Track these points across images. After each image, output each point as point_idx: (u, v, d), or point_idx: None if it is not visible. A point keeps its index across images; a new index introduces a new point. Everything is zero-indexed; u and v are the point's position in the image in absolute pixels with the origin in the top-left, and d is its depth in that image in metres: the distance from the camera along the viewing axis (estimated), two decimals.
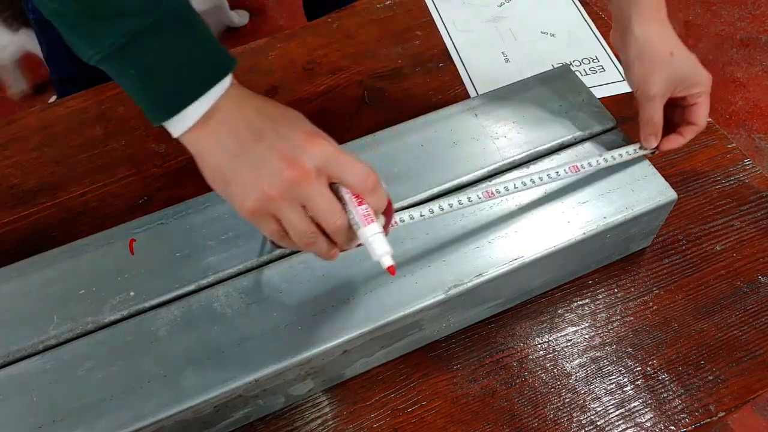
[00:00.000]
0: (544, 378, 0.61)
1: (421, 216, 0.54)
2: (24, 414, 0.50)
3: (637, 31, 0.59)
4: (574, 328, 0.64)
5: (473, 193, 0.56)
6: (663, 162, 0.74)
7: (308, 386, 0.58)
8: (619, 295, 0.66)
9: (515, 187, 0.58)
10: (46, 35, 0.98)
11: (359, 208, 0.44)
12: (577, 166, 0.60)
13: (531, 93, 0.69)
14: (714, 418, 0.59)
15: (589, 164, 0.61)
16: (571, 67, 0.72)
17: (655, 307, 0.65)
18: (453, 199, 0.56)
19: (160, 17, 0.40)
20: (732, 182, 0.73)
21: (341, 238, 0.45)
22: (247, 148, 0.43)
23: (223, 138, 0.43)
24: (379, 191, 0.45)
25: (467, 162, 0.64)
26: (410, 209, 0.53)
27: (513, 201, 0.61)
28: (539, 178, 0.59)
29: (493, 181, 0.59)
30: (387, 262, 0.44)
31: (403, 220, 0.52)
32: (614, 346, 0.63)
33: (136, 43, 0.40)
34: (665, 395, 0.60)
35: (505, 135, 0.66)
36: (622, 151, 0.62)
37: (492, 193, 0.57)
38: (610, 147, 0.64)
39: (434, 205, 0.55)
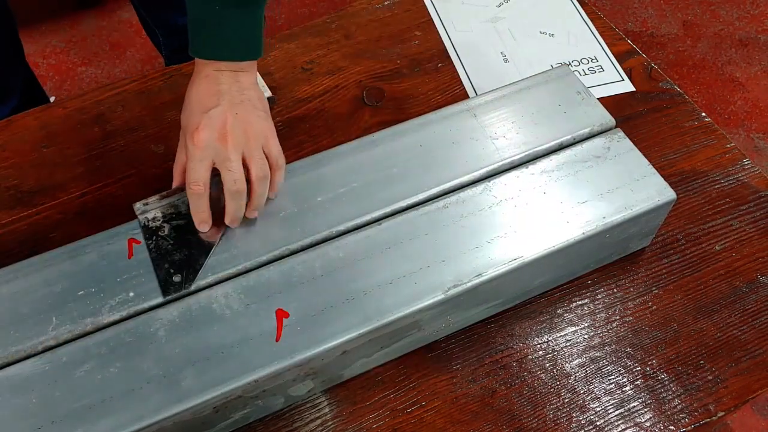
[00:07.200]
0: (544, 378, 0.61)
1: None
2: (23, 415, 0.50)
3: None
4: (574, 328, 0.64)
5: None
6: (662, 162, 0.74)
7: (308, 387, 0.58)
8: (618, 295, 0.66)
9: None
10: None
11: None
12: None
13: (530, 93, 0.69)
14: (714, 418, 0.59)
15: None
16: (570, 67, 0.72)
17: (654, 307, 0.65)
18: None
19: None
20: (731, 182, 0.73)
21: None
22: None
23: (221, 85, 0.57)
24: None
25: (466, 162, 0.64)
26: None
27: (512, 201, 0.61)
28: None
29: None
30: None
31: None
32: (613, 346, 0.63)
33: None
34: (665, 395, 0.60)
35: (504, 135, 0.66)
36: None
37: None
38: (608, 147, 0.64)
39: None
